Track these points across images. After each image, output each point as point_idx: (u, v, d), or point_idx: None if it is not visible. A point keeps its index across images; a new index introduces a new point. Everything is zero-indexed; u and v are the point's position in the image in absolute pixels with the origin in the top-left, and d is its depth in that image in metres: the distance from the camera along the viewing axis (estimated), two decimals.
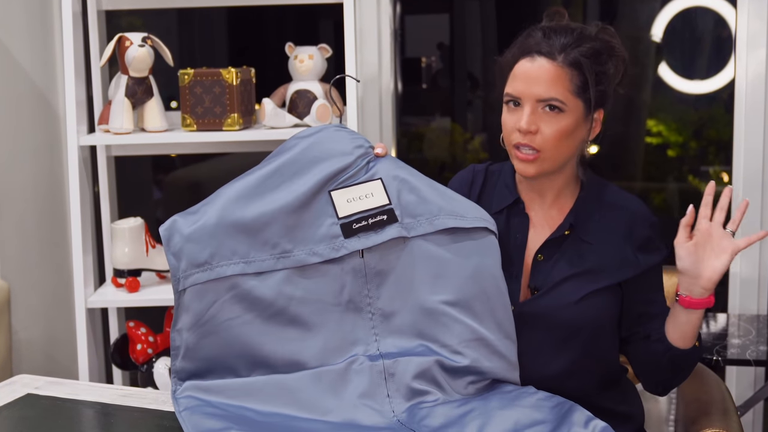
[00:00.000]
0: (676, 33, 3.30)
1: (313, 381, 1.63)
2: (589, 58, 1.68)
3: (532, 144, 1.67)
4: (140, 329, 2.50)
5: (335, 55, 2.66)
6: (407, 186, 1.69)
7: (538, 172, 1.70)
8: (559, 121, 1.66)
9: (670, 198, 3.49)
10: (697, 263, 1.60)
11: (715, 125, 3.39)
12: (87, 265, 2.54)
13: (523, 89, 1.68)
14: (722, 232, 1.60)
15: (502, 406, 1.60)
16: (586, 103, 1.69)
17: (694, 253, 1.61)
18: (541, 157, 1.68)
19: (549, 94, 1.66)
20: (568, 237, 1.75)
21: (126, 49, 2.44)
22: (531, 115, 1.67)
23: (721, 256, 1.59)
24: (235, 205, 1.63)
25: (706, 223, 1.60)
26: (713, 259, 1.60)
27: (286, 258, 1.64)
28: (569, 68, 1.66)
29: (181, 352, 1.64)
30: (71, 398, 1.72)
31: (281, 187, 1.65)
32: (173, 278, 1.61)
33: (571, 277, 1.72)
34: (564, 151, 1.69)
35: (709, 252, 1.60)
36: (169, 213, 1.75)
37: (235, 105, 2.46)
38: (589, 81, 1.67)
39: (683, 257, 1.61)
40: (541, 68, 1.67)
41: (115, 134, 2.49)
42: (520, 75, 1.69)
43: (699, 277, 1.60)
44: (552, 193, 1.77)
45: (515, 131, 1.69)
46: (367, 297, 1.67)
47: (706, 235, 1.60)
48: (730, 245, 1.59)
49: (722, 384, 2.00)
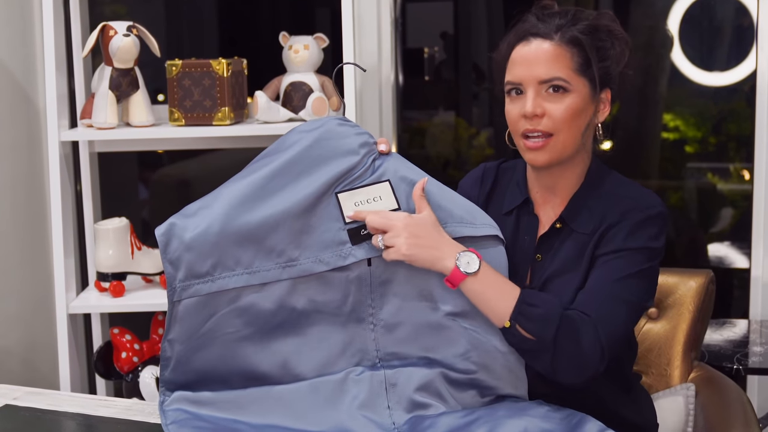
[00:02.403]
0: (693, 21, 3.30)
1: (309, 392, 1.63)
2: (587, 34, 1.69)
3: (541, 128, 1.68)
4: (125, 336, 2.50)
5: (332, 45, 2.66)
6: None
7: (550, 159, 1.70)
8: (566, 101, 1.67)
9: (688, 197, 3.49)
10: None
11: (735, 119, 3.39)
12: (69, 269, 2.54)
13: (523, 73, 1.69)
14: None
15: (510, 415, 1.60)
16: (591, 82, 1.69)
17: None
18: (552, 143, 1.68)
19: (551, 74, 1.67)
20: (561, 231, 1.74)
21: (110, 38, 2.44)
22: (535, 98, 1.67)
23: None
24: (239, 210, 1.63)
25: None
26: None
27: (291, 267, 1.64)
28: (568, 46, 1.68)
29: (171, 363, 1.64)
30: (52, 410, 1.72)
31: (287, 188, 1.65)
32: (168, 286, 1.61)
33: (561, 272, 1.71)
34: (574, 133, 1.69)
35: None
36: (155, 213, 1.75)
37: (225, 98, 2.46)
38: (591, 58, 1.68)
39: None
40: (540, 49, 1.68)
41: (99, 129, 2.49)
42: (518, 60, 1.70)
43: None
44: (564, 191, 1.77)
45: (521, 119, 1.69)
46: (369, 307, 1.68)
47: None
48: None
49: (743, 394, 2.00)
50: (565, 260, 1.72)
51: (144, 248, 2.57)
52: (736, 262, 3.40)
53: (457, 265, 1.61)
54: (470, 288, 1.62)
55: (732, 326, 2.71)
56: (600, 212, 1.72)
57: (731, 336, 2.63)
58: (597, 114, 1.73)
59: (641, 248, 1.66)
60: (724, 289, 3.36)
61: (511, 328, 1.61)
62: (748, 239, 2.91)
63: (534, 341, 1.60)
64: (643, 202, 1.70)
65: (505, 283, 1.64)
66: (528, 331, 1.60)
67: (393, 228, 1.62)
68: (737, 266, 3.39)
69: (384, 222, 1.62)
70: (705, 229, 3.47)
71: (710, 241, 3.45)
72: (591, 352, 1.59)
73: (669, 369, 2.17)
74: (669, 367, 2.17)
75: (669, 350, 2.17)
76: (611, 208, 1.71)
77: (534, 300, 1.62)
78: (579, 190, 1.75)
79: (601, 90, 1.72)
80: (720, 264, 3.41)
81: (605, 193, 1.74)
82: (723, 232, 3.47)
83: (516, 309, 1.60)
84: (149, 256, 2.56)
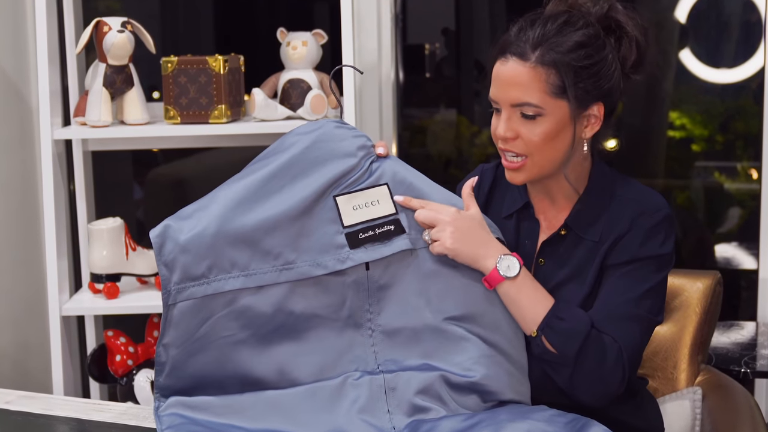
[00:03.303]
0: (701, 17, 3.30)
1: (306, 396, 1.63)
2: (570, 52, 1.63)
3: (515, 150, 1.68)
4: (119, 339, 2.50)
5: (331, 41, 2.66)
6: (414, 192, 1.70)
7: (527, 178, 1.71)
8: (538, 126, 1.65)
9: (695, 196, 3.48)
10: None
11: (743, 117, 3.39)
12: (62, 270, 2.54)
13: (498, 94, 1.68)
14: None
15: (512, 418, 1.60)
16: (574, 100, 1.65)
17: None
18: (529, 164, 1.68)
19: (522, 99, 1.65)
20: (565, 237, 1.75)
21: (104, 35, 2.44)
22: (507, 120, 1.67)
23: None
24: (235, 212, 1.63)
25: None
26: None
27: (289, 270, 1.64)
28: (544, 67, 1.63)
29: (166, 368, 1.64)
30: (45, 414, 1.72)
31: (283, 190, 1.66)
32: (163, 289, 1.61)
33: (568, 280, 1.72)
34: (551, 155, 1.68)
35: None
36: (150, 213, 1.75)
37: (222, 96, 2.46)
38: (566, 82, 1.63)
39: None
40: (514, 71, 1.65)
41: (93, 127, 2.49)
42: (495, 78, 1.69)
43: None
44: (561, 195, 1.77)
45: (498, 137, 1.70)
46: (367, 312, 1.68)
47: None
48: None
49: (751, 398, 2.00)
50: (573, 268, 1.73)
51: (139, 249, 2.57)
52: (743, 263, 3.40)
53: (497, 267, 1.65)
54: (506, 291, 1.66)
55: (740, 329, 2.71)
56: (607, 218, 1.72)
57: (739, 339, 2.63)
58: (585, 129, 1.70)
59: (653, 257, 1.69)
60: (732, 290, 3.37)
61: (537, 337, 1.65)
62: (756, 240, 2.90)
63: (555, 354, 1.64)
64: (650, 205, 1.71)
65: (540, 293, 1.68)
66: (551, 343, 1.64)
67: (440, 222, 1.66)
68: (745, 267, 3.39)
69: (432, 216, 1.66)
70: (712, 229, 3.47)
71: (717, 241, 3.45)
72: (613, 376, 1.64)
73: (675, 372, 2.17)
74: (675, 371, 2.17)
75: (675, 353, 2.17)
76: (618, 215, 1.71)
77: (564, 314, 1.65)
78: (582, 196, 1.75)
79: (586, 107, 1.67)
80: (727, 265, 3.41)
81: (610, 197, 1.74)
82: (730, 233, 3.47)
83: (545, 320, 1.65)
84: (144, 257, 2.56)
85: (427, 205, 1.68)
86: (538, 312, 1.66)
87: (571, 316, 1.65)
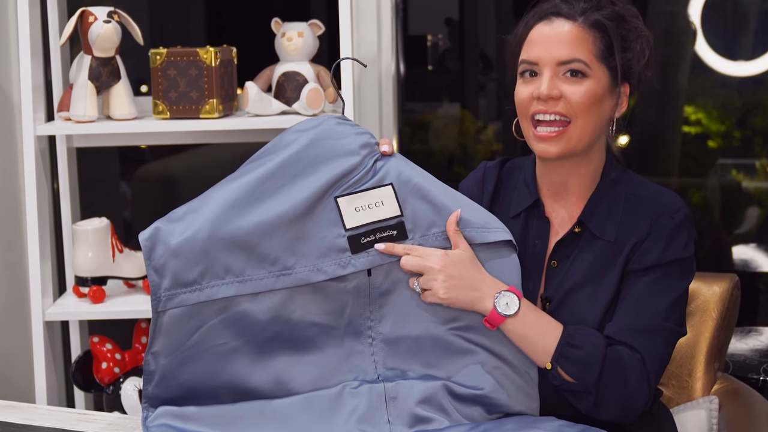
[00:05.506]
0: (717, 7, 3.30)
1: (303, 406, 1.63)
2: (612, 21, 1.71)
3: (558, 110, 1.68)
4: (105, 345, 2.50)
5: (328, 32, 2.66)
6: (420, 193, 1.69)
7: (563, 150, 1.70)
8: (585, 85, 1.68)
9: (711, 195, 3.49)
10: None
11: (762, 112, 3.39)
12: (45, 273, 2.54)
13: (541, 53, 1.70)
14: None
15: (519, 428, 1.61)
16: (611, 71, 1.71)
17: None
18: (568, 132, 1.69)
19: (571, 56, 1.68)
20: (580, 236, 1.75)
21: (89, 25, 2.44)
22: (552, 79, 1.69)
23: None
24: (229, 214, 1.62)
25: None
26: None
27: (286, 276, 1.63)
28: (592, 30, 1.70)
29: (155, 378, 1.63)
30: (27, 424, 1.72)
31: (281, 190, 1.65)
32: (153, 295, 1.60)
33: (583, 284, 1.72)
34: (593, 122, 1.70)
35: None
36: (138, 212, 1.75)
37: (213, 90, 2.46)
38: (615, 44, 1.69)
39: None
40: (561, 29, 1.70)
41: (77, 123, 2.50)
42: (537, 39, 1.71)
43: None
44: (578, 189, 1.77)
45: (533, 101, 1.70)
46: (368, 320, 1.68)
47: None
48: None
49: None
50: (587, 270, 1.73)
51: (126, 251, 2.57)
52: (762, 265, 3.40)
53: (496, 307, 1.65)
54: (510, 329, 1.66)
55: (758, 334, 2.71)
56: (623, 219, 1.73)
57: (757, 345, 2.63)
58: (616, 108, 1.74)
59: (677, 260, 1.70)
60: (750, 294, 3.37)
61: (552, 370, 1.65)
62: None
63: (575, 384, 1.65)
64: (669, 206, 1.72)
65: (546, 322, 1.67)
66: (568, 373, 1.65)
67: (429, 271, 1.64)
68: (764, 270, 3.39)
69: (421, 263, 1.65)
70: (729, 230, 3.47)
71: (735, 243, 3.45)
72: (639, 392, 1.64)
73: (691, 381, 2.17)
74: (691, 379, 2.17)
75: (691, 360, 2.17)
76: (634, 215, 1.72)
77: (577, 340, 1.65)
78: (596, 190, 1.76)
79: (621, 82, 1.73)
80: (745, 268, 3.41)
81: (625, 195, 1.75)
82: (749, 234, 3.47)
83: (557, 350, 1.65)
84: (131, 259, 2.56)
85: (413, 251, 1.66)
86: (549, 342, 1.65)
87: (584, 340, 1.65)
